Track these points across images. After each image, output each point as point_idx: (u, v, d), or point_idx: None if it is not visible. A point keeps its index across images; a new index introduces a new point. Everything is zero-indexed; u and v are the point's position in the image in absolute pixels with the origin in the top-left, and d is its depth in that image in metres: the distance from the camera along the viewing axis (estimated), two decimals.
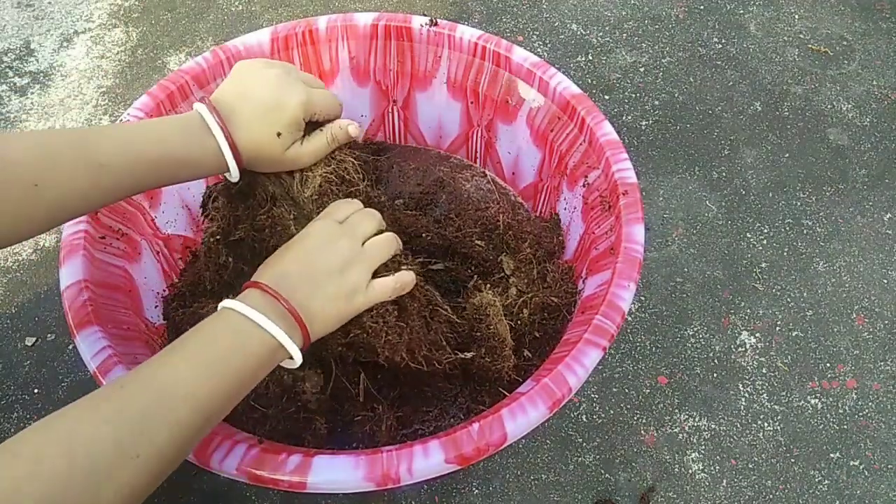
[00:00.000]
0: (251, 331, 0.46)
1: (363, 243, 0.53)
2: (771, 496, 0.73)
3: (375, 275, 0.53)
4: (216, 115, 0.51)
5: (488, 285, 0.68)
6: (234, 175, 0.54)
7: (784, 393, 0.80)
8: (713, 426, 0.77)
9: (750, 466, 0.75)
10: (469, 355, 0.62)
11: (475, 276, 0.72)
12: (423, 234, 0.75)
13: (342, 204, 0.56)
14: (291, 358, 0.49)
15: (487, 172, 0.89)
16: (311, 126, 0.57)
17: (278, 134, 0.52)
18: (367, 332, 0.54)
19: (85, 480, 0.36)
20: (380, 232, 0.56)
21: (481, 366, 0.63)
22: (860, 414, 0.78)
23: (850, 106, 1.08)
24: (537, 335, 0.68)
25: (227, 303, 0.47)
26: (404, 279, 0.54)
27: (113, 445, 0.38)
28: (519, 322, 0.68)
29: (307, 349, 0.50)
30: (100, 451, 0.37)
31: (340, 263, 0.50)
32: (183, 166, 0.51)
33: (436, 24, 0.80)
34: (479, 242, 0.75)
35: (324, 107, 0.56)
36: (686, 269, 0.90)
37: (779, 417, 0.78)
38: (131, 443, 0.38)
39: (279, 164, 0.55)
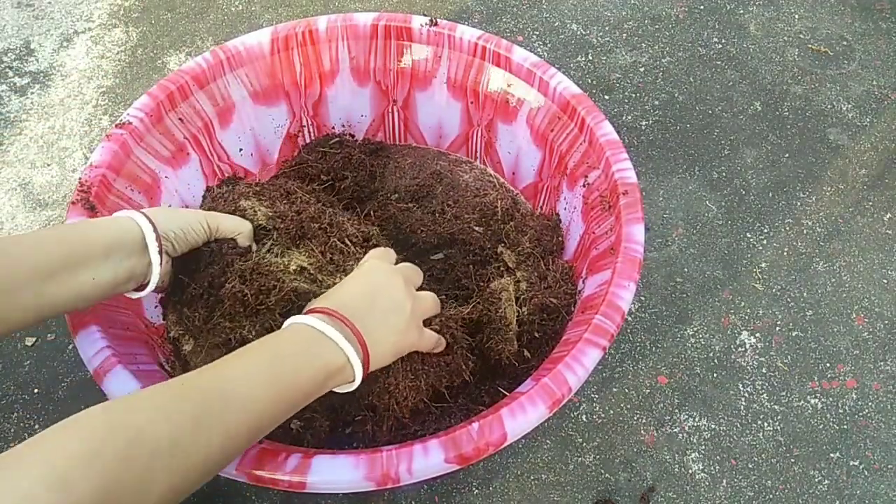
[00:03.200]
0: (321, 345, 0.47)
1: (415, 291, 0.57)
2: (771, 496, 0.73)
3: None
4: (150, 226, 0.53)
5: (505, 274, 0.69)
6: (147, 234, 0.53)
7: (784, 393, 0.80)
8: (713, 426, 0.77)
9: (750, 466, 0.75)
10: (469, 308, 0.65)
11: (471, 266, 0.73)
12: (419, 231, 0.76)
13: (385, 252, 0.59)
14: (351, 382, 0.50)
15: (487, 168, 0.89)
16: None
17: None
18: (387, 390, 0.56)
19: (144, 470, 0.37)
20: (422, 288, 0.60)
21: (487, 343, 0.65)
22: (860, 414, 0.78)
23: (850, 106, 1.08)
24: (536, 335, 0.68)
25: (295, 318, 0.49)
26: (442, 343, 0.58)
27: (172, 441, 0.38)
28: (519, 316, 0.68)
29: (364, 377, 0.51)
30: (160, 444, 0.38)
31: (400, 300, 0.53)
32: (86, 224, 0.52)
33: (436, 24, 0.80)
34: (477, 229, 0.75)
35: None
36: (686, 269, 0.90)
37: (779, 417, 0.78)
38: (188, 443, 0.39)
39: (191, 212, 0.57)
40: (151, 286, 0.54)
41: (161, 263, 0.53)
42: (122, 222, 0.52)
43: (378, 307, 0.51)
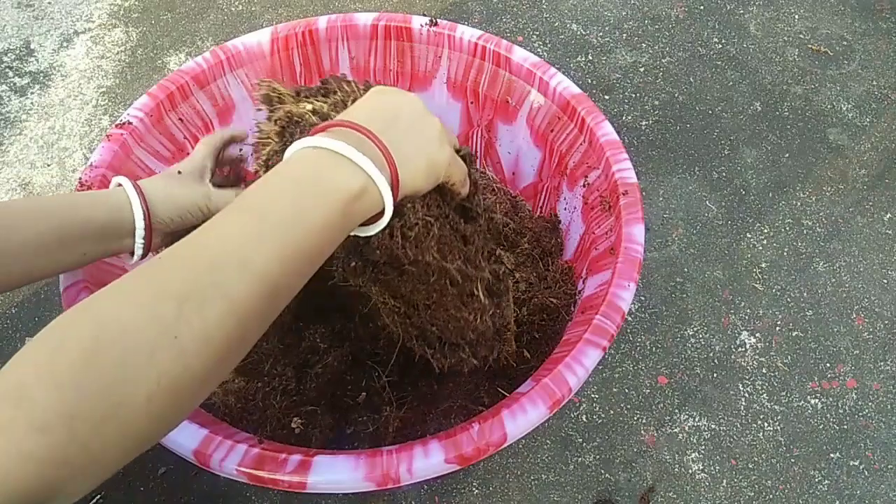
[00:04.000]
0: (334, 168, 0.36)
1: None
2: (771, 496, 0.73)
3: None
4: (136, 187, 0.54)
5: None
6: (138, 222, 0.53)
7: (784, 393, 0.80)
8: (713, 426, 0.77)
9: (750, 466, 0.75)
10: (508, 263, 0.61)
11: None
12: None
13: None
14: (379, 216, 0.40)
15: (487, 171, 0.89)
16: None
17: (178, 172, 0.58)
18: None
19: (117, 364, 0.30)
20: None
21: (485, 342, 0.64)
22: (860, 414, 0.78)
23: (850, 106, 1.08)
24: (536, 336, 0.68)
25: (301, 142, 0.38)
26: (467, 183, 0.48)
27: (149, 322, 0.31)
28: (518, 316, 0.68)
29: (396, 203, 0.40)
30: (135, 329, 0.30)
31: (425, 113, 0.43)
32: (84, 204, 0.51)
33: (436, 24, 0.80)
34: None
35: (206, 146, 0.61)
36: (686, 269, 0.90)
37: (779, 417, 0.78)
38: (172, 319, 0.31)
39: (187, 193, 0.57)
40: (137, 258, 0.55)
41: (148, 245, 0.55)
42: (118, 202, 0.52)
43: (402, 118, 0.41)
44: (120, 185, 0.54)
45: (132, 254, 0.55)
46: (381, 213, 0.39)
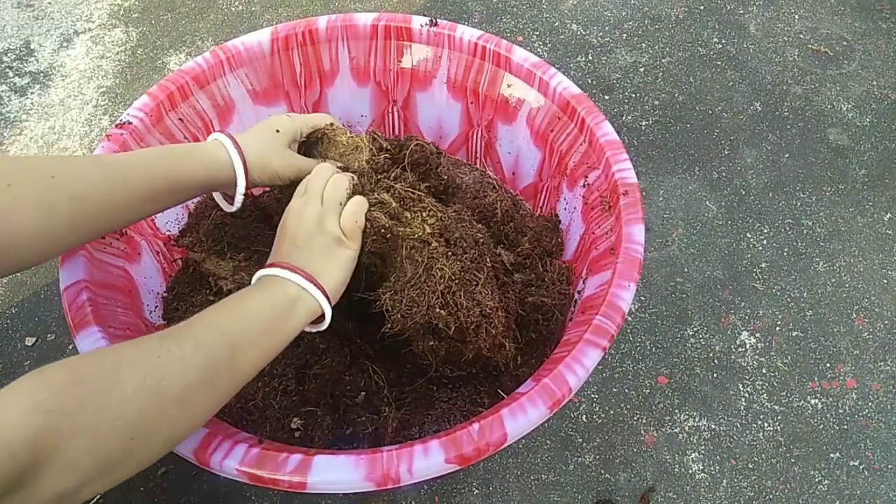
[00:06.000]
0: (273, 282, 0.52)
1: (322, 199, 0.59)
2: (771, 496, 0.73)
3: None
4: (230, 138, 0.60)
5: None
6: (240, 184, 0.60)
7: (784, 393, 0.80)
8: (713, 426, 0.77)
9: (750, 466, 0.75)
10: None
11: None
12: None
13: (307, 179, 0.60)
14: (321, 318, 0.54)
15: (487, 170, 0.89)
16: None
17: (277, 130, 0.62)
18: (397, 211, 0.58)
19: (113, 364, 0.42)
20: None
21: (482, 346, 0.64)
22: (860, 414, 0.78)
23: (850, 106, 1.08)
24: (533, 336, 0.68)
25: (260, 272, 0.54)
26: (355, 202, 0.58)
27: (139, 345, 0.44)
28: (516, 313, 0.68)
29: (334, 305, 0.54)
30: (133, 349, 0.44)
31: (315, 223, 0.56)
32: (188, 159, 0.58)
33: (436, 24, 0.80)
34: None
35: (313, 119, 0.66)
36: (686, 269, 0.90)
37: (779, 417, 0.78)
38: (157, 345, 0.44)
39: (280, 161, 0.61)
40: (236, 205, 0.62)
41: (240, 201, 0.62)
42: (221, 163, 0.58)
43: (302, 240, 0.55)
44: (217, 140, 0.60)
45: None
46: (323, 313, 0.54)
